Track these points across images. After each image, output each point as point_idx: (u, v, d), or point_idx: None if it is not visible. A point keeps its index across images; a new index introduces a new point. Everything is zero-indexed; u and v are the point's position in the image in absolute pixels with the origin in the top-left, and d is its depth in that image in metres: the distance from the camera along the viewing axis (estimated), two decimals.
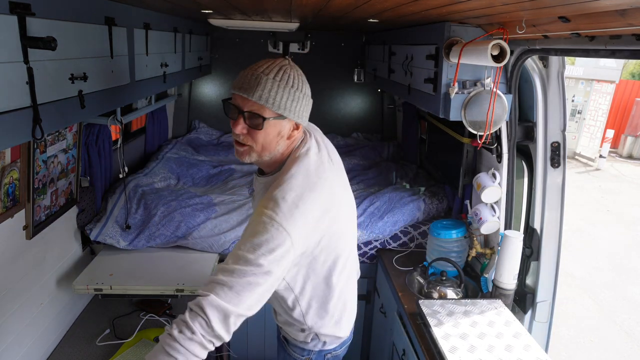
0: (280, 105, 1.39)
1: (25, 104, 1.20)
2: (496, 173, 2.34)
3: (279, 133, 1.45)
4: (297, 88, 1.42)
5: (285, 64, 1.43)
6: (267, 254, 1.31)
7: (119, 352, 2.18)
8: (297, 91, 1.42)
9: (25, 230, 1.98)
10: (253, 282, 1.32)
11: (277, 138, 1.46)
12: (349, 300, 1.77)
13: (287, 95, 1.40)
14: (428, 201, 3.02)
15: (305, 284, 1.60)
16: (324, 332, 1.71)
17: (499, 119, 2.04)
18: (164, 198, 2.81)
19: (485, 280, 2.38)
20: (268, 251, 1.31)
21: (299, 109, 1.44)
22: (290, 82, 1.40)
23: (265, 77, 1.37)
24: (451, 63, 2.04)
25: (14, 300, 1.93)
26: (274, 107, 1.38)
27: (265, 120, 1.39)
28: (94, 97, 1.60)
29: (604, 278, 5.93)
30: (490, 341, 1.85)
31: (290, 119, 1.44)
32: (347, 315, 1.77)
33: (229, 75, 4.38)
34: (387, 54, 3.18)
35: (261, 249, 1.31)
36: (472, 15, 1.80)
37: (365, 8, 1.94)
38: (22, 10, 1.14)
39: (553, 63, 2.08)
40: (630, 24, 1.20)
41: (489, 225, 2.35)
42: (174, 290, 2.33)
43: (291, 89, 1.40)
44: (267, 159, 1.50)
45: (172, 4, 2.05)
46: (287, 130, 1.46)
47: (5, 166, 1.76)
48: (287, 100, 1.40)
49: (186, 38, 3.01)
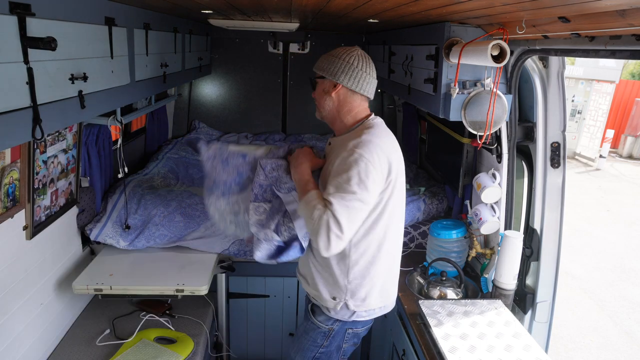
0: (320, 67, 1.85)
1: (25, 104, 1.20)
2: (496, 173, 2.34)
3: (323, 90, 1.86)
4: (337, 56, 1.82)
5: (343, 48, 1.85)
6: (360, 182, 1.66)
7: (119, 352, 2.18)
8: (335, 57, 1.82)
9: (25, 230, 1.98)
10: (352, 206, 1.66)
11: (323, 95, 1.86)
12: (388, 278, 1.94)
13: (325, 61, 1.84)
14: (428, 201, 3.02)
15: (364, 237, 1.82)
16: (356, 297, 1.88)
17: (499, 119, 2.04)
18: (164, 198, 2.81)
19: (485, 280, 2.38)
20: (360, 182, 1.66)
21: (333, 70, 1.81)
22: (333, 53, 1.84)
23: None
24: (451, 63, 2.04)
25: (14, 300, 1.93)
26: (317, 70, 1.86)
27: (315, 80, 1.89)
28: (94, 97, 1.60)
29: (604, 278, 5.93)
30: (490, 341, 1.85)
31: (329, 79, 1.83)
32: (379, 290, 1.91)
33: (229, 75, 4.38)
34: (387, 54, 3.18)
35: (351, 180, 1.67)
36: (472, 16, 1.81)
37: (365, 8, 1.94)
38: (22, 10, 1.14)
39: (553, 63, 2.08)
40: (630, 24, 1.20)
41: (489, 225, 2.35)
42: (174, 290, 2.33)
43: (330, 56, 1.84)
44: (325, 115, 1.91)
45: (172, 4, 2.05)
46: (328, 86, 1.84)
47: (5, 166, 1.76)
48: (325, 64, 1.84)
49: (186, 38, 3.01)
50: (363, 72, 1.81)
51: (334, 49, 1.88)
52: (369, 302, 1.90)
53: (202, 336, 2.40)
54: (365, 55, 1.85)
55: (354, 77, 1.81)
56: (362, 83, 1.82)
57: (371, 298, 1.90)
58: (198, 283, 2.37)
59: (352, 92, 1.83)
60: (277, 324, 3.13)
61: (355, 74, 1.81)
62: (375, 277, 1.88)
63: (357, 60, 1.81)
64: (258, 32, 4.12)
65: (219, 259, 2.72)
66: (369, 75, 1.83)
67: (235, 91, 4.43)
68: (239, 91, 4.43)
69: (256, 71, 4.34)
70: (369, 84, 1.84)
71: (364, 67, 1.82)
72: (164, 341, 2.31)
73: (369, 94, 1.86)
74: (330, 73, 1.82)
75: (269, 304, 3.07)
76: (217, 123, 4.48)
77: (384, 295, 1.95)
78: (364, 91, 1.84)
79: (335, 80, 1.82)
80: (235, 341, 3.14)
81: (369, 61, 1.85)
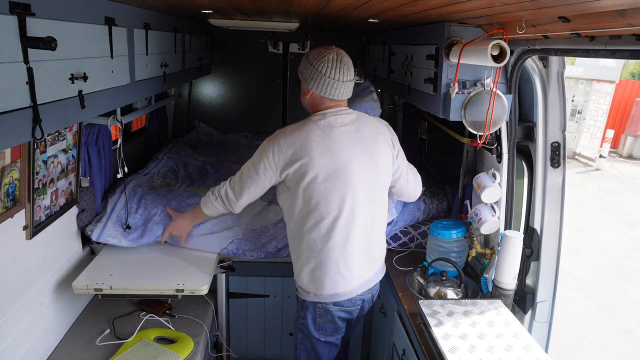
0: (299, 71, 2.12)
1: (25, 104, 1.20)
2: (496, 173, 2.34)
3: (302, 90, 2.14)
4: (310, 62, 2.05)
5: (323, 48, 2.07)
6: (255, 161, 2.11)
7: (119, 352, 2.18)
8: (308, 64, 2.05)
9: (25, 230, 1.98)
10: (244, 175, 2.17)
11: (303, 95, 2.16)
12: (330, 264, 2.10)
13: (302, 65, 2.09)
14: (428, 201, 3.02)
15: (288, 220, 2.20)
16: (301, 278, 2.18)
17: (499, 119, 2.04)
18: (164, 197, 2.81)
19: (485, 280, 2.38)
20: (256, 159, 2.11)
21: (306, 76, 2.06)
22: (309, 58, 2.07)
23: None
24: (451, 63, 2.04)
25: (14, 300, 1.93)
26: (298, 73, 2.13)
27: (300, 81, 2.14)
28: (94, 97, 1.60)
29: (604, 278, 5.93)
30: (490, 341, 1.85)
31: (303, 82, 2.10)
32: (324, 275, 2.11)
33: (229, 75, 4.38)
34: (387, 54, 3.18)
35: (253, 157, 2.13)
36: (472, 15, 1.81)
37: (365, 8, 1.94)
38: (22, 10, 1.14)
39: (553, 63, 2.07)
40: (630, 24, 1.20)
41: (489, 225, 2.35)
42: (174, 290, 2.33)
43: (306, 61, 2.08)
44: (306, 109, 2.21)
45: (172, 4, 2.05)
46: (304, 89, 2.12)
47: (5, 166, 1.76)
48: (302, 68, 2.10)
49: (186, 38, 3.01)
50: (331, 79, 2.02)
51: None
52: (316, 287, 2.14)
53: (202, 336, 2.40)
54: (336, 59, 2.02)
55: (322, 85, 2.04)
56: (330, 89, 2.04)
57: (316, 283, 2.13)
58: (198, 283, 2.37)
59: (321, 96, 2.07)
60: (277, 324, 3.13)
61: (323, 82, 2.03)
62: (305, 262, 2.14)
63: (326, 66, 2.01)
64: (258, 32, 4.12)
65: (219, 258, 2.72)
66: (337, 80, 2.03)
67: (235, 91, 4.43)
68: (239, 91, 4.43)
69: (256, 71, 4.34)
70: (337, 88, 2.04)
71: (331, 73, 2.02)
72: (164, 341, 2.31)
73: (337, 96, 2.06)
74: (304, 79, 2.08)
75: (269, 304, 3.07)
76: (217, 123, 4.48)
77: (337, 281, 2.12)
78: (331, 95, 2.05)
79: (307, 87, 2.08)
80: (235, 341, 3.14)
81: (339, 64, 2.02)
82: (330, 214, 2.06)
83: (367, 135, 2.11)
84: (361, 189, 2.08)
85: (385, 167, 2.18)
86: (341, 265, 2.11)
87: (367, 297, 2.25)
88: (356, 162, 2.05)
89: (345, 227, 2.08)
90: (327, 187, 2.03)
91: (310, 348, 2.31)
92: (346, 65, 2.04)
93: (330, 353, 2.34)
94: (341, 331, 2.30)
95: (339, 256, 2.10)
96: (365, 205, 2.11)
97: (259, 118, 4.44)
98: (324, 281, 2.12)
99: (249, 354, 3.21)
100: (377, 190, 2.17)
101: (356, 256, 2.13)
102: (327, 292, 2.13)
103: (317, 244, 2.10)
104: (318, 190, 2.03)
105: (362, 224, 2.12)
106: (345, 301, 2.17)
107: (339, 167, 2.02)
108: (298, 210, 2.10)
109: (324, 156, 2.01)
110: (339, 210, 2.06)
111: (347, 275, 2.12)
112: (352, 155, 2.05)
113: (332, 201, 2.04)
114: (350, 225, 2.08)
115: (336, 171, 2.02)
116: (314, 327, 2.23)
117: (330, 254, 2.09)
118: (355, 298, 2.19)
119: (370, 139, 2.11)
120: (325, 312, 2.19)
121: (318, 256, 2.11)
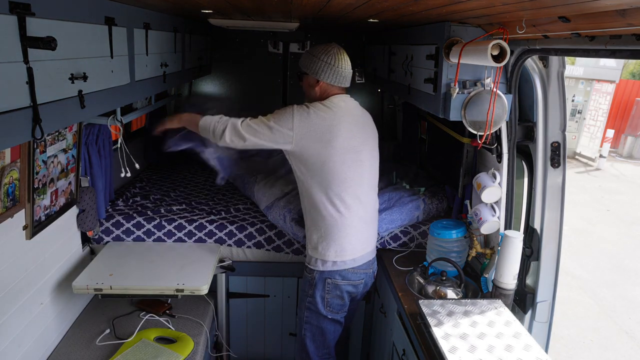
0: (304, 66, 2.34)
1: (25, 104, 1.20)
2: (496, 173, 2.34)
3: (309, 84, 2.36)
4: (316, 56, 2.28)
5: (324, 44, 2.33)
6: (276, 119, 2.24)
7: (118, 352, 2.18)
8: (315, 57, 2.29)
9: (25, 230, 1.98)
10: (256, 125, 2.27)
11: (309, 88, 2.37)
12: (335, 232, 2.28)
13: (307, 60, 2.33)
14: (428, 201, 3.01)
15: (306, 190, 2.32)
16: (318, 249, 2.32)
17: (499, 119, 2.04)
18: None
19: (485, 280, 2.38)
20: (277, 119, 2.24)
21: (315, 69, 2.29)
22: (313, 53, 2.31)
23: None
24: (451, 63, 2.04)
25: (14, 300, 1.93)
26: (302, 67, 2.36)
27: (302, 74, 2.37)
28: (94, 97, 1.60)
29: (604, 278, 5.93)
30: (490, 341, 1.85)
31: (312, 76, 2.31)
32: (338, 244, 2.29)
33: (228, 75, 4.38)
34: (387, 54, 3.18)
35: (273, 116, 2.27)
36: (472, 15, 1.81)
37: (365, 8, 1.94)
38: (22, 10, 1.14)
39: (553, 63, 2.07)
40: (630, 24, 1.20)
41: (489, 225, 2.35)
42: (174, 290, 2.33)
43: (311, 56, 2.31)
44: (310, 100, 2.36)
45: (172, 4, 2.05)
46: (312, 82, 2.33)
47: (5, 166, 1.76)
48: (307, 62, 2.32)
49: (186, 38, 3.01)
50: (339, 68, 2.29)
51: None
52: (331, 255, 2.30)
53: (202, 336, 2.40)
54: (339, 52, 2.30)
55: (332, 74, 2.29)
56: (339, 77, 2.31)
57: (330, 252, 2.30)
58: (198, 283, 2.37)
59: (331, 85, 2.31)
60: (277, 324, 3.13)
61: (334, 72, 2.29)
62: (328, 230, 2.30)
63: (334, 58, 2.28)
64: (258, 31, 4.12)
65: (219, 258, 2.72)
66: (344, 70, 2.31)
67: (235, 91, 4.43)
68: (239, 91, 4.43)
69: (256, 71, 4.34)
70: (345, 77, 2.32)
71: (339, 63, 2.29)
72: (164, 341, 2.31)
73: (345, 84, 2.35)
74: (313, 72, 2.30)
75: (269, 304, 3.07)
76: None
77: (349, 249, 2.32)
78: (340, 83, 2.33)
79: (317, 78, 2.30)
80: (235, 341, 3.14)
81: (343, 56, 2.31)
82: (341, 186, 2.26)
83: (367, 120, 2.45)
84: (368, 166, 2.37)
85: (377, 151, 2.48)
86: (346, 235, 2.30)
87: (368, 271, 2.46)
88: (367, 141, 2.36)
89: (352, 199, 2.29)
90: (347, 161, 2.24)
91: (316, 325, 2.45)
92: (346, 57, 2.34)
93: (336, 331, 2.49)
94: (346, 308, 2.46)
95: (347, 227, 2.30)
96: (369, 181, 2.39)
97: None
98: (328, 248, 2.31)
99: (249, 354, 3.21)
100: (376, 170, 2.47)
101: (359, 230, 2.35)
102: (331, 259, 2.31)
103: (328, 213, 2.28)
104: (337, 164, 2.22)
105: (366, 199, 2.37)
106: (352, 274, 2.36)
107: (355, 144, 2.26)
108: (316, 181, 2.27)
109: (346, 132, 2.23)
110: (350, 184, 2.27)
111: (350, 247, 2.32)
112: (364, 134, 2.35)
113: (347, 174, 2.25)
114: (356, 198, 2.30)
115: (354, 147, 2.26)
116: (322, 304, 2.38)
117: (339, 224, 2.29)
118: (359, 271, 2.38)
119: (370, 124, 2.46)
120: (334, 288, 2.36)
121: (330, 225, 2.29)
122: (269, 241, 2.86)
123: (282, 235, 2.84)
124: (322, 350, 2.49)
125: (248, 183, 3.30)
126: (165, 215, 2.87)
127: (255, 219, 2.93)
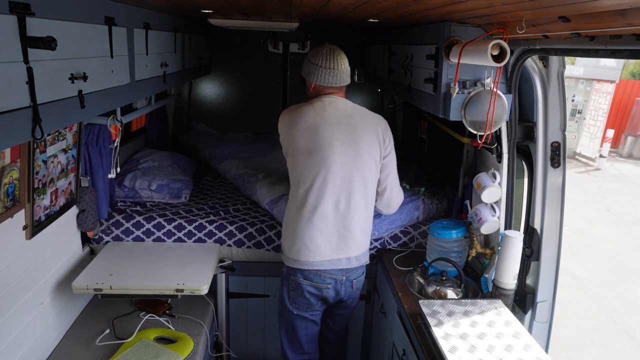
0: (302, 70, 2.41)
1: (25, 104, 1.20)
2: (496, 173, 2.34)
3: (307, 86, 2.42)
4: (309, 60, 2.35)
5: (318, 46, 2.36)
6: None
7: (118, 352, 2.18)
8: (307, 61, 2.36)
9: (25, 230, 1.98)
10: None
11: (308, 89, 2.42)
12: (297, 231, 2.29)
13: (303, 64, 2.40)
14: (428, 201, 3.01)
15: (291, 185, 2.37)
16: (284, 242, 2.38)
17: (499, 119, 2.04)
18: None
19: (485, 280, 2.38)
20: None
21: (307, 72, 2.36)
22: (308, 57, 2.37)
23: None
24: (451, 63, 2.04)
25: (14, 300, 1.93)
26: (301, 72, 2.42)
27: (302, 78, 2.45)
28: (94, 97, 1.60)
29: (604, 278, 5.92)
30: (490, 341, 1.85)
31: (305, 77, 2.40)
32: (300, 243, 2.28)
33: (228, 75, 4.38)
34: (387, 54, 3.18)
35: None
36: (472, 15, 1.80)
37: (365, 8, 1.94)
38: (22, 10, 1.14)
39: (553, 63, 2.07)
40: (630, 23, 1.20)
41: (489, 225, 2.35)
42: (174, 290, 2.33)
43: (306, 60, 2.38)
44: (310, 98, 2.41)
45: (172, 4, 2.05)
46: (308, 84, 2.40)
47: (5, 166, 1.76)
48: (303, 66, 2.40)
49: (186, 38, 3.01)
50: (325, 68, 2.30)
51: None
52: (291, 252, 2.31)
53: (202, 336, 2.40)
54: (329, 52, 2.30)
55: (319, 75, 2.31)
56: (326, 77, 2.31)
57: (291, 249, 2.31)
58: (198, 283, 2.37)
59: (321, 85, 2.33)
60: (277, 324, 3.12)
61: (320, 72, 2.31)
62: (290, 226, 2.33)
63: (321, 59, 2.30)
64: (258, 31, 4.12)
65: (219, 259, 2.72)
66: (331, 69, 2.30)
67: (235, 91, 4.43)
68: (239, 91, 4.43)
69: (256, 71, 4.34)
70: (333, 76, 2.31)
71: (325, 63, 2.30)
72: (164, 341, 2.31)
73: (333, 83, 2.32)
74: (306, 75, 2.37)
75: (269, 304, 3.07)
76: (217, 122, 4.48)
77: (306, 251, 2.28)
78: (327, 82, 2.32)
79: (310, 81, 2.35)
80: (235, 341, 3.14)
81: (332, 56, 2.30)
82: (304, 185, 2.27)
83: (358, 123, 2.30)
84: (337, 168, 2.24)
85: (369, 157, 2.30)
86: (305, 235, 2.28)
87: (339, 278, 2.36)
88: (338, 142, 2.24)
89: (315, 200, 2.26)
90: (307, 159, 2.24)
91: (287, 320, 2.48)
92: (338, 55, 2.31)
93: (307, 328, 2.49)
94: (315, 308, 2.43)
95: (305, 226, 2.28)
96: (339, 184, 2.26)
97: (258, 117, 4.44)
98: (291, 246, 2.32)
99: (249, 354, 3.21)
100: (357, 176, 2.28)
101: (324, 232, 2.28)
102: (292, 256, 2.32)
103: (292, 211, 2.33)
104: (300, 162, 2.27)
105: (333, 202, 2.27)
106: (313, 275, 2.32)
107: (319, 144, 2.23)
108: (290, 178, 2.37)
109: (309, 131, 2.24)
110: (311, 183, 2.25)
111: (311, 247, 2.28)
112: (335, 135, 2.25)
113: (309, 173, 2.25)
114: (319, 199, 2.26)
115: (317, 146, 2.23)
116: (288, 299, 2.42)
117: (299, 222, 2.29)
118: (324, 275, 2.32)
119: (359, 127, 2.29)
120: (296, 286, 2.36)
121: (292, 222, 2.32)
122: (269, 241, 2.86)
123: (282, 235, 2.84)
124: (295, 345, 2.53)
125: (249, 182, 3.30)
126: (165, 215, 2.87)
127: (255, 219, 2.93)
